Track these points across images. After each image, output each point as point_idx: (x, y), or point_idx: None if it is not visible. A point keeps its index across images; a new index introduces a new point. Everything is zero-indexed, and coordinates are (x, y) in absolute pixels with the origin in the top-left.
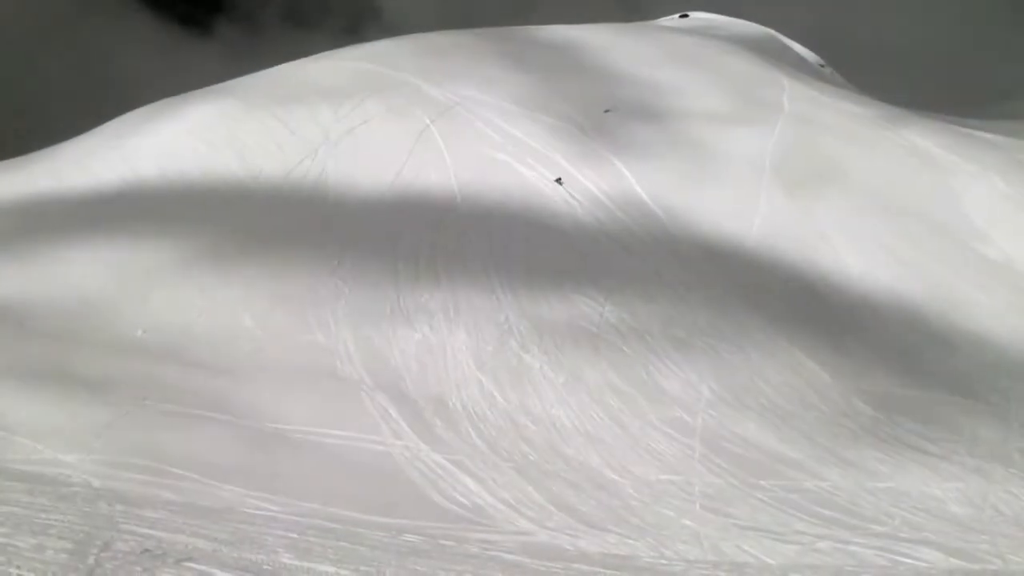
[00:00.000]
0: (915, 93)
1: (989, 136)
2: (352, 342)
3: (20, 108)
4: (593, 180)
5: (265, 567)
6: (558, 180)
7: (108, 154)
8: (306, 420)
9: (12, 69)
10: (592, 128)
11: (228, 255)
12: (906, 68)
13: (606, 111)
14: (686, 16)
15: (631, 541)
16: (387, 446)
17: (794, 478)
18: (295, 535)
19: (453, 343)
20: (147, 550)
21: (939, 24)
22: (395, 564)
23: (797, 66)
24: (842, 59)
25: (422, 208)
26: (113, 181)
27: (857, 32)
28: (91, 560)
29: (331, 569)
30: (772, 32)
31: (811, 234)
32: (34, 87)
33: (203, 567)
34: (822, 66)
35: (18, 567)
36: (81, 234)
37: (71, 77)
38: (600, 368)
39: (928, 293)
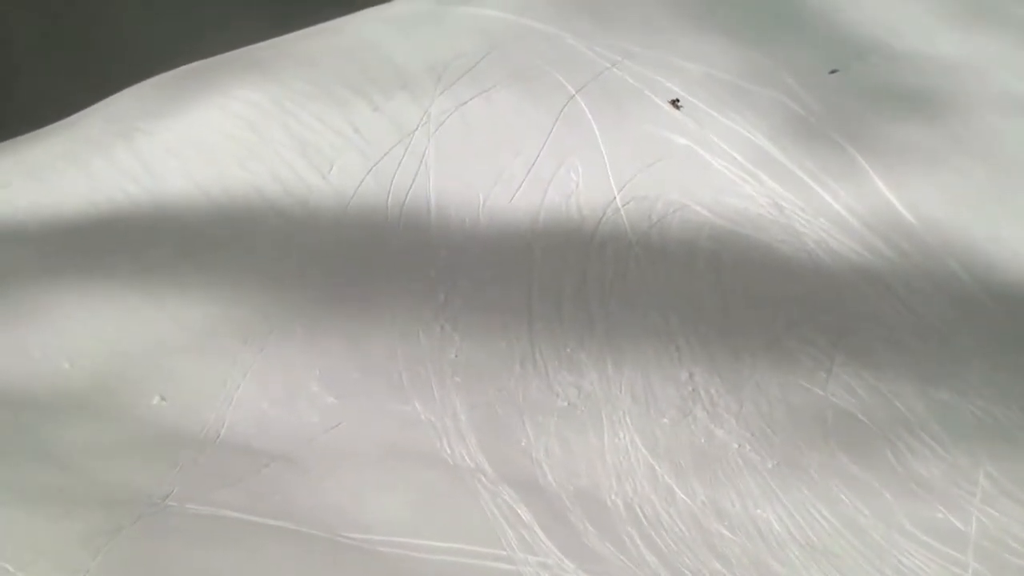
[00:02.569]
0: None
1: None
2: (465, 413)
3: None
4: (819, 178)
5: None
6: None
7: (113, 149)
8: (398, 527)
9: None
10: (816, 102)
11: (284, 291)
12: None
13: (832, 72)
14: None
15: None
16: (516, 563)
17: None
18: None
19: (612, 414)
20: None
21: None
22: None
23: None
24: None
25: (566, 218)
26: (119, 188)
27: None
28: None
29: None
30: None
31: None
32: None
33: None
34: None
35: None
36: (71, 271)
37: (46, 27)
38: (827, 448)
39: None
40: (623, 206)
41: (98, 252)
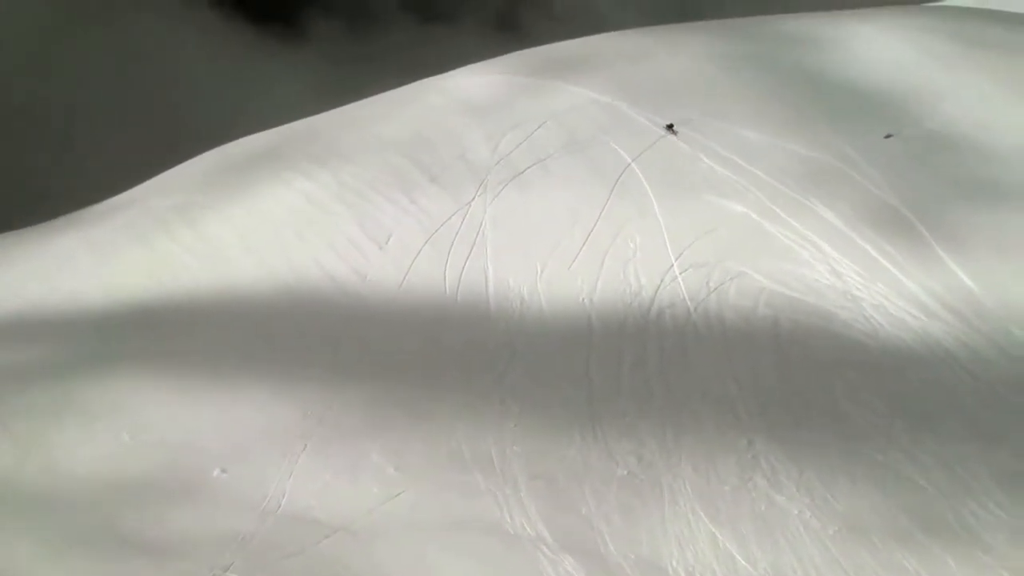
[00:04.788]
0: None
1: None
2: (525, 484)
3: (36, 141)
4: (877, 244)
5: None
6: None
7: (174, 224)
8: None
9: (27, 81)
10: (876, 171)
11: (343, 362)
12: None
13: (887, 136)
14: None
15: None
16: None
17: None
18: None
19: (673, 482)
20: None
21: None
22: None
23: None
24: None
25: (624, 286)
26: (180, 263)
27: None
28: None
29: None
30: None
31: None
32: (55, 108)
33: None
34: None
35: None
36: (132, 345)
37: (105, 98)
38: (888, 512)
39: None
40: (681, 274)
41: (160, 326)
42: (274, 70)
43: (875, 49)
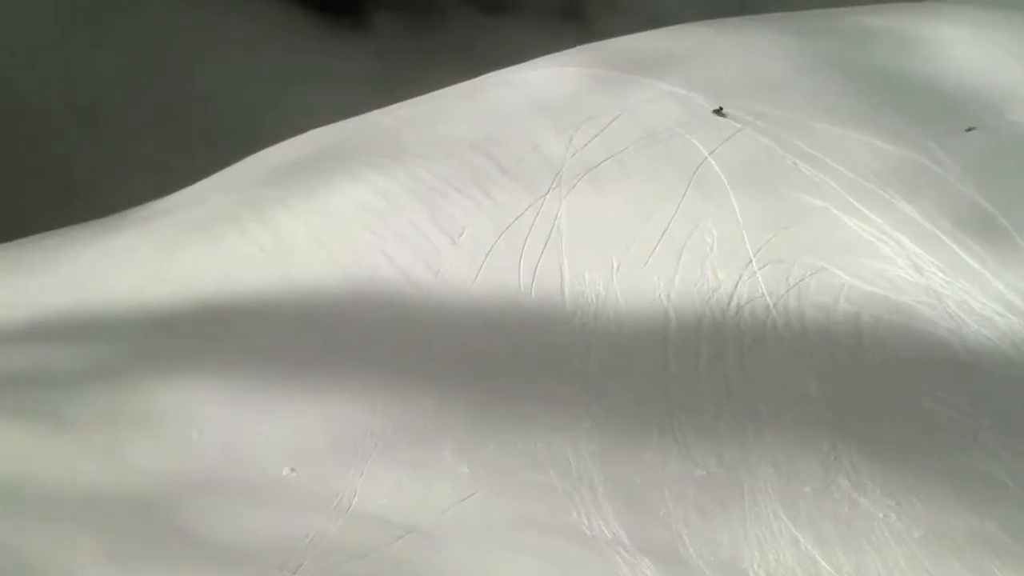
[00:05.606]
0: None
1: None
2: (602, 484)
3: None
4: (959, 239)
5: None
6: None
7: (243, 219)
8: None
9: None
10: (956, 162)
11: (414, 359)
12: None
13: (968, 130)
14: None
15: None
16: None
17: None
18: None
19: (753, 483)
20: None
21: None
22: None
23: None
24: None
25: (701, 281)
26: (249, 258)
27: None
28: None
29: None
30: None
31: None
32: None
33: None
34: None
35: None
36: (199, 341)
37: (161, 90)
38: (974, 515)
39: None
40: (759, 269)
41: (226, 322)
42: (337, 62)
43: (951, 44)
